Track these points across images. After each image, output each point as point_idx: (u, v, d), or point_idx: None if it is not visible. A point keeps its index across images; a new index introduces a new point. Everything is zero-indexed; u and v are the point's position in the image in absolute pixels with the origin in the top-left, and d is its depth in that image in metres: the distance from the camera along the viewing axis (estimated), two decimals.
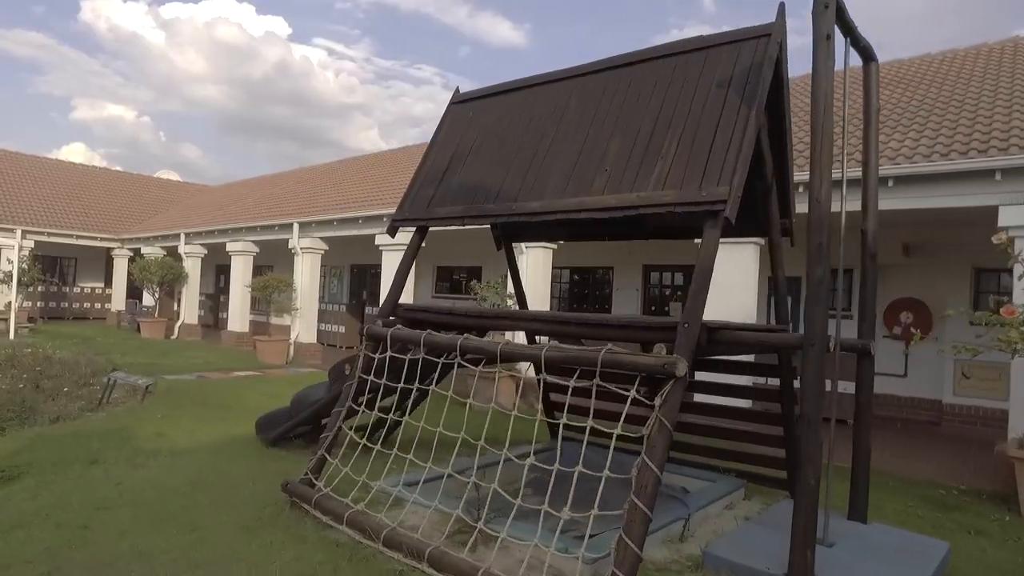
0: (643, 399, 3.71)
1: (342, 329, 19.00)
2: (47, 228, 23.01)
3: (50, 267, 25.31)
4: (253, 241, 17.70)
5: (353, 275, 20.79)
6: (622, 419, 3.71)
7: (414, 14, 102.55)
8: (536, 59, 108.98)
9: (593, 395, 3.89)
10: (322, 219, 14.74)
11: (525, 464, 4.09)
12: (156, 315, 20.65)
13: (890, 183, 7.42)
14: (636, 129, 4.63)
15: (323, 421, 6.86)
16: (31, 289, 20.87)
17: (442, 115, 6.37)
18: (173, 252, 21.91)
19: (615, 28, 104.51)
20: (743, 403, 7.36)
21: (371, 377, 5.19)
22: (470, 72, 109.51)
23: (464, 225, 5.32)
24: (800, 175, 6.78)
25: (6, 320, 18.37)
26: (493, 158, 5.50)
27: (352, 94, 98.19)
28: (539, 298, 11.05)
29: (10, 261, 21.11)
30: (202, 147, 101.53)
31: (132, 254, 25.47)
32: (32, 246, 21.32)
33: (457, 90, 6.48)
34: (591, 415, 3.77)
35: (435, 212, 5.56)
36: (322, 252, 15.70)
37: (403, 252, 13.59)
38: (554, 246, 11.28)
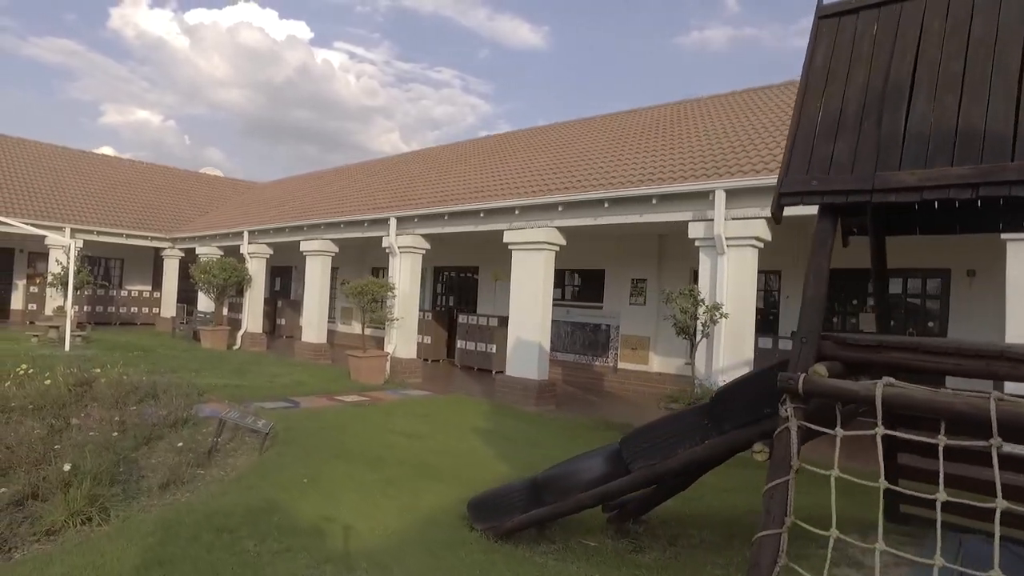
0: None
1: (427, 340, 16.74)
2: (96, 226, 21.12)
3: (94, 268, 23.43)
4: (333, 239, 15.50)
5: (438, 278, 18.54)
6: None
7: (433, 17, 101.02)
8: (556, 61, 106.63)
9: None
10: (429, 212, 12.45)
11: None
12: (217, 322, 18.53)
13: None
14: None
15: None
16: (79, 292, 18.91)
17: (811, 37, 3.98)
18: (231, 252, 19.85)
19: (635, 30, 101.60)
20: None
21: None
22: (490, 75, 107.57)
23: (977, 196, 2.93)
24: None
25: (58, 328, 16.36)
26: (982, 86, 3.11)
27: (373, 97, 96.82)
28: (744, 310, 8.65)
29: (59, 262, 19.22)
30: (225, 150, 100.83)
31: (183, 254, 23.50)
32: (81, 245, 19.32)
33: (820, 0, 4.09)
34: None
35: (888, 180, 3.16)
36: (423, 252, 13.42)
37: (544, 252, 11.38)
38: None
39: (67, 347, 14.36)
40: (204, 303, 20.48)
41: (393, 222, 13.12)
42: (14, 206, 19.62)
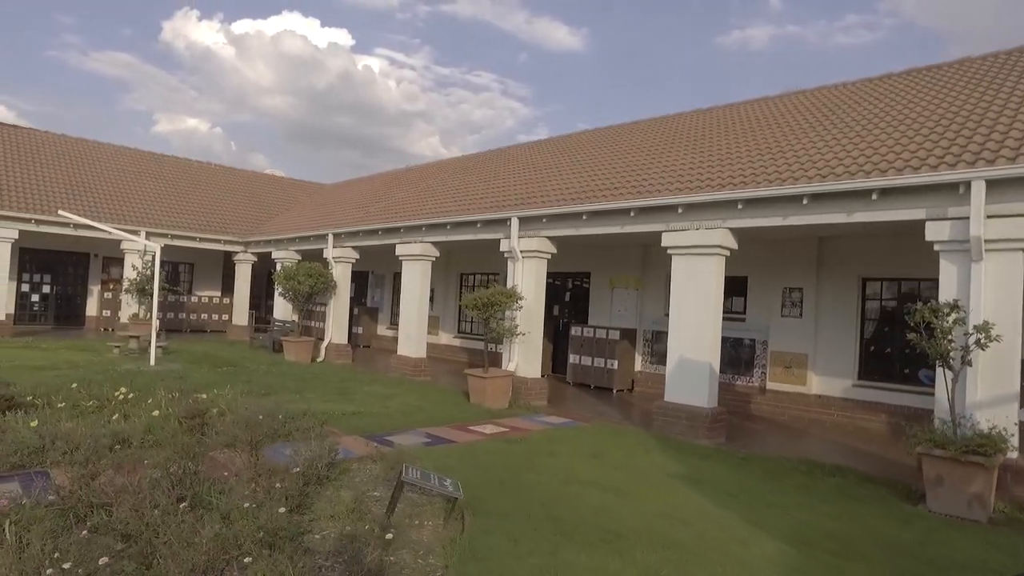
0: None
1: None
2: (170, 230, 20.16)
3: (167, 273, 22.56)
4: (434, 243, 14.05)
5: None
6: None
7: (472, 22, 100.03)
8: (595, 63, 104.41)
9: None
10: (563, 212, 10.85)
11: None
12: (299, 332, 17.27)
13: None
14: None
15: None
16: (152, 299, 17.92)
17: None
18: (309, 256, 18.62)
19: (673, 30, 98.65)
20: None
21: None
22: (528, 78, 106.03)
23: None
24: None
25: (138, 338, 15.28)
26: None
27: (413, 102, 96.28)
28: (1010, 330, 6.81)
29: (135, 267, 18.24)
30: (269, 156, 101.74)
31: (255, 259, 22.46)
32: (156, 250, 18.34)
33: None
34: None
35: None
36: (548, 256, 11.84)
37: (715, 257, 8.65)
38: None
39: (152, 361, 13.19)
40: (281, 311, 19.32)
41: (515, 223, 11.56)
42: (91, 209, 18.75)
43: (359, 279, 23.20)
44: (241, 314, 22.64)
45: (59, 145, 22.72)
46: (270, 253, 20.65)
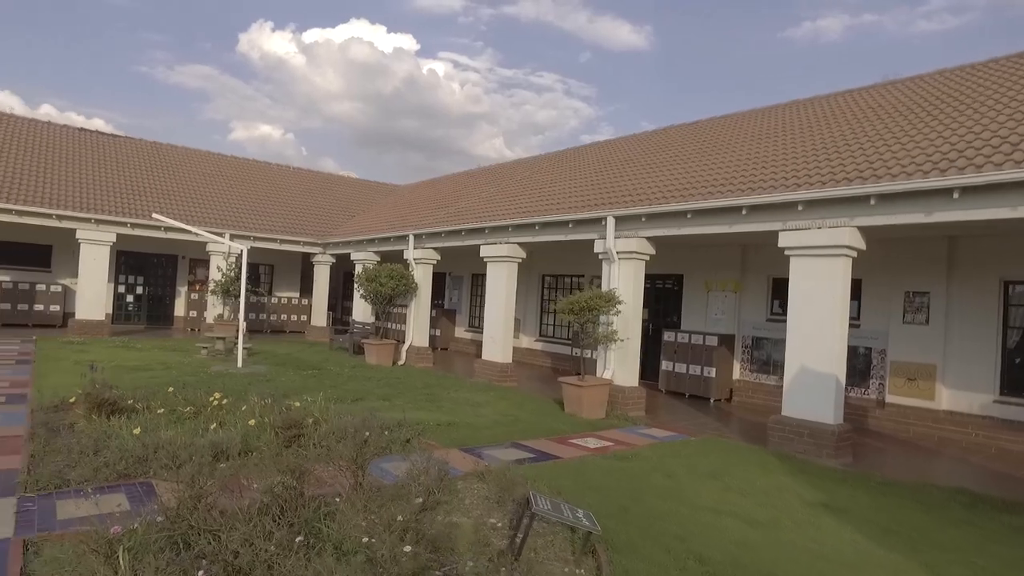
0: None
1: None
2: (253, 232, 20.43)
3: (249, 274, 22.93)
4: (521, 243, 13.55)
5: None
6: None
7: (534, 23, 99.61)
8: (659, 61, 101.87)
9: None
10: (665, 210, 10.15)
11: None
12: (381, 335, 17.10)
13: None
14: None
15: None
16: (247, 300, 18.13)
17: None
18: (388, 258, 18.47)
19: (740, 25, 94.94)
20: None
21: None
22: (591, 77, 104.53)
23: None
24: None
25: (223, 339, 15.40)
26: None
27: (477, 104, 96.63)
28: None
29: (219, 269, 18.57)
30: (338, 160, 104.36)
31: (334, 260, 22.57)
32: (243, 251, 18.55)
33: None
34: None
35: None
36: (647, 258, 11.16)
37: (840, 259, 7.26)
38: None
39: (239, 363, 13.20)
40: (360, 312, 19.26)
41: (610, 222, 10.93)
42: (179, 212, 19.17)
43: (436, 280, 23.00)
44: (319, 315, 22.81)
45: (150, 151, 23.46)
46: (348, 254, 20.67)
